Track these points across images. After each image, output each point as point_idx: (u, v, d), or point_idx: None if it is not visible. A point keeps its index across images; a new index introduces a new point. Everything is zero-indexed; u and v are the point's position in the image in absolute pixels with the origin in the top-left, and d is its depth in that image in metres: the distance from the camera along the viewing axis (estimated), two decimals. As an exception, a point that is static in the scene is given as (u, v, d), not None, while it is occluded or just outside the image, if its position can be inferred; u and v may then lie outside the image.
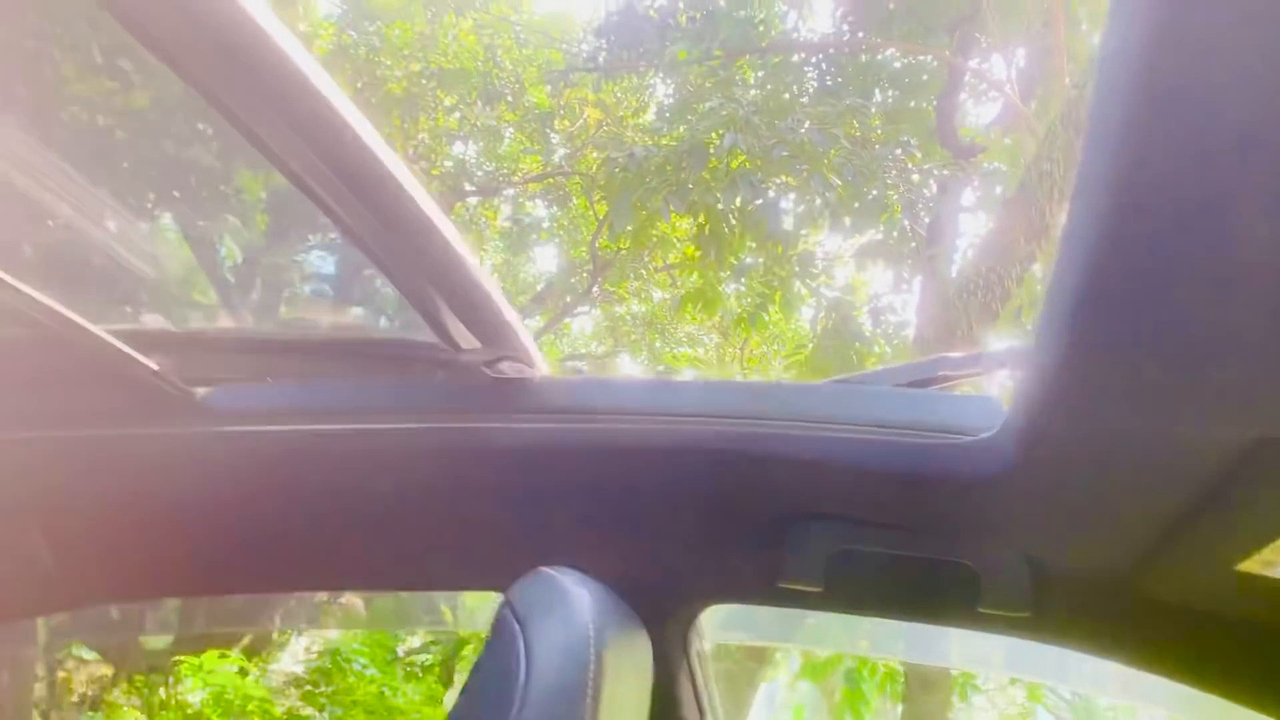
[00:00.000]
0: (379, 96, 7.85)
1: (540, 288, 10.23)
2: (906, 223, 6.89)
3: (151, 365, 1.09)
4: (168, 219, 6.25)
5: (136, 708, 5.92)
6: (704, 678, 1.38)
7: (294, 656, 6.84)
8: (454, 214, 8.76)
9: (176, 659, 5.63)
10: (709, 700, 1.38)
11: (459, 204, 9.03)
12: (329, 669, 6.01)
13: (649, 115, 8.71)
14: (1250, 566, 0.88)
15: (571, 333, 11.22)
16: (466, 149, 9.40)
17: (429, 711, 6.10)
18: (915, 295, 7.24)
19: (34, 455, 1.18)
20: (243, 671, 5.69)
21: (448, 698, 6.57)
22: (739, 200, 6.42)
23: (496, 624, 1.02)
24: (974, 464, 0.99)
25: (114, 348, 1.04)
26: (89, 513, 1.27)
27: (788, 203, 7.03)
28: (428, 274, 1.06)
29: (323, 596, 6.19)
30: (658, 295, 9.93)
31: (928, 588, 1.19)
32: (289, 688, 6.32)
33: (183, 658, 5.56)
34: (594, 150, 8.61)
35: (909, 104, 7.63)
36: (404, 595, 5.84)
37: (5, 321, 1.01)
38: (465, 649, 6.82)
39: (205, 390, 1.20)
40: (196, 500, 1.27)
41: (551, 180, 9.43)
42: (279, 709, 5.83)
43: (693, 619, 1.34)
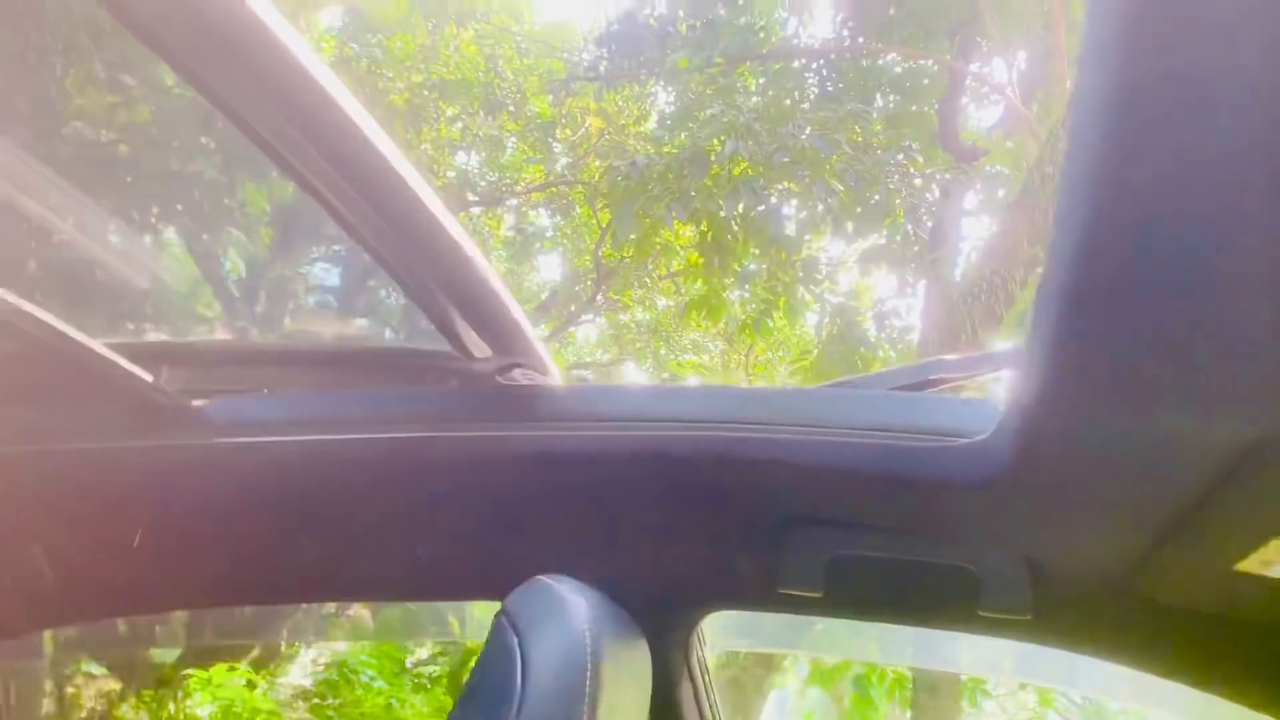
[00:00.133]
0: (381, 108, 7.87)
1: (545, 296, 10.22)
2: (909, 227, 6.88)
3: (146, 377, 1.08)
4: (172, 233, 6.27)
5: (145, 722, 5.92)
6: (705, 684, 1.37)
7: (302, 669, 6.82)
8: (457, 224, 8.74)
9: (185, 673, 5.62)
10: (711, 707, 1.38)
11: (462, 214, 9.02)
12: (336, 681, 6.00)
13: (650, 123, 8.71)
14: (1249, 566, 0.88)
15: (576, 341, 11.21)
16: (469, 159, 9.42)
17: (436, 722, 6.09)
18: (919, 299, 7.23)
19: (30, 469, 1.18)
20: (251, 684, 5.67)
21: (455, 709, 6.53)
22: (741, 207, 6.42)
23: (494, 633, 1.02)
24: (970, 466, 0.98)
25: (109, 361, 1.04)
26: (87, 526, 1.27)
27: (790, 209, 7.03)
28: (440, 281, 1.06)
29: (330, 608, 6.19)
30: (662, 303, 9.92)
31: (928, 591, 1.18)
32: (297, 700, 6.31)
33: (191, 671, 5.56)
34: (596, 159, 8.61)
35: (910, 108, 7.62)
36: (411, 607, 5.84)
37: (1, 337, 1.01)
38: (472, 660, 6.78)
39: (202, 402, 1.20)
40: (193, 511, 1.27)
41: (554, 189, 9.43)
42: (287, 721, 5.83)
43: (693, 626, 1.33)
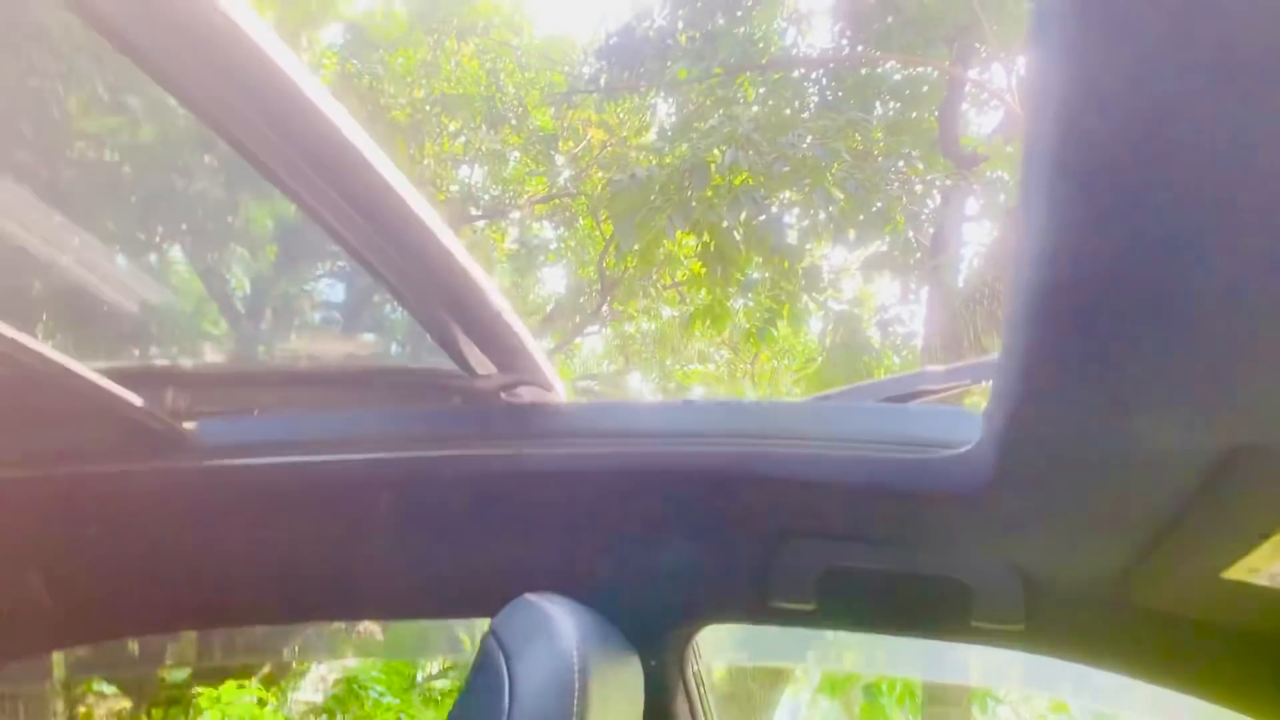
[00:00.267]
0: (384, 124, 7.91)
1: (549, 309, 10.24)
2: (911, 234, 6.88)
3: (136, 401, 1.09)
4: (176, 251, 6.31)
5: (156, 740, 5.93)
6: (702, 697, 1.37)
7: (313, 686, 6.83)
8: (461, 238, 8.73)
9: (195, 691, 5.63)
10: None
11: (466, 228, 9.06)
12: (345, 697, 6.01)
13: (651, 135, 8.74)
14: (1236, 574, 0.88)
15: (582, 353, 11.23)
16: (472, 173, 9.46)
17: (447, 737, 6.07)
18: (922, 306, 7.22)
19: (24, 494, 1.18)
20: (261, 702, 5.68)
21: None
22: (743, 216, 6.42)
23: (481, 653, 1.02)
24: (957, 477, 0.98)
25: (98, 385, 1.04)
26: (81, 550, 1.28)
27: (791, 218, 7.05)
28: (443, 299, 1.05)
29: (339, 625, 6.19)
30: (667, 313, 9.91)
31: (920, 603, 1.18)
32: (308, 717, 6.32)
33: (201, 689, 5.56)
34: (599, 170, 8.64)
35: (910, 115, 7.61)
36: (421, 623, 5.83)
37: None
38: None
39: (193, 425, 1.20)
40: (185, 534, 1.27)
41: (557, 201, 9.46)
42: (298, 738, 5.83)
43: (688, 640, 1.33)
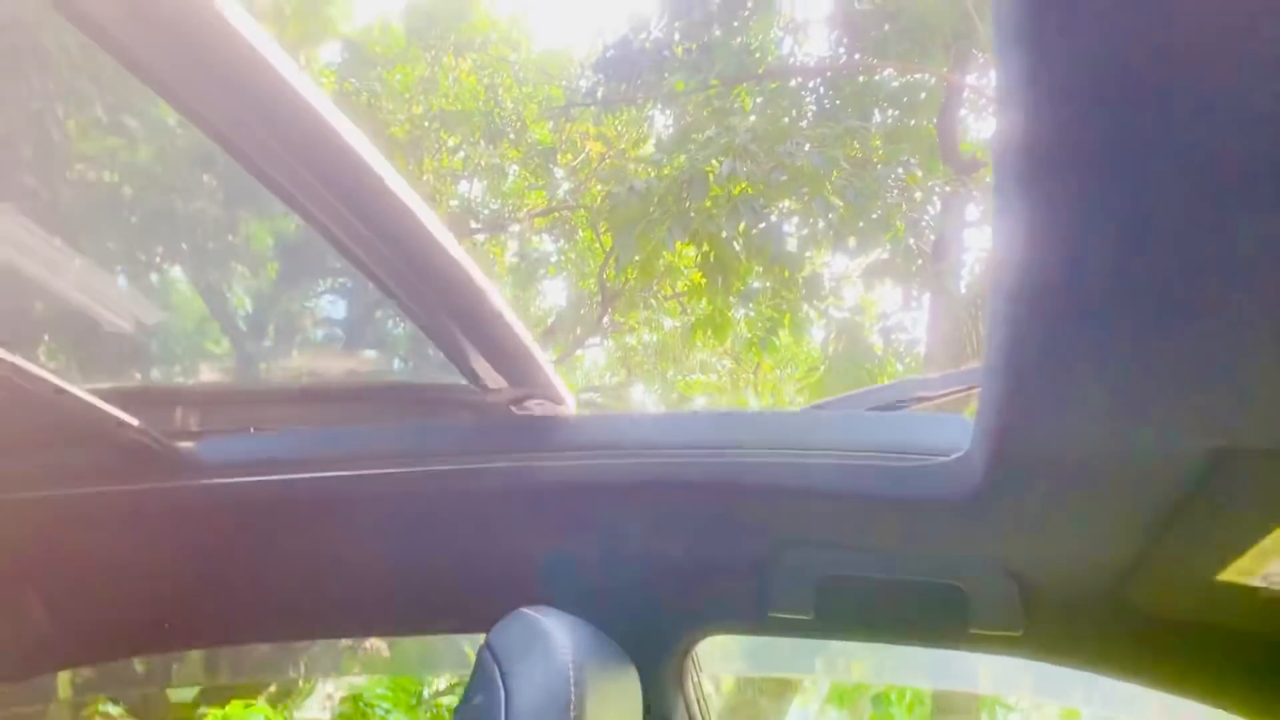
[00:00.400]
0: (383, 141, 7.93)
1: (550, 321, 10.23)
2: (912, 241, 6.88)
3: (133, 422, 1.09)
4: (178, 271, 6.32)
5: (162, 761, 5.90)
6: (701, 708, 1.37)
7: (319, 703, 6.80)
8: (462, 252, 8.77)
9: (201, 710, 5.61)
10: None
11: (466, 242, 9.07)
12: (351, 714, 5.98)
13: (649, 146, 8.76)
14: (1229, 576, 0.87)
15: (584, 365, 11.21)
16: (471, 188, 9.47)
17: (454, 753, 6.04)
18: (925, 312, 7.21)
19: (20, 515, 1.19)
20: (268, 720, 5.66)
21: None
22: (742, 226, 6.42)
23: (477, 667, 1.02)
24: (948, 484, 0.98)
25: (96, 407, 1.05)
26: (79, 570, 1.28)
27: (791, 227, 7.05)
28: (454, 314, 1.05)
29: (345, 642, 6.18)
30: (668, 324, 9.91)
31: (918, 610, 1.18)
32: (315, 734, 6.30)
33: (207, 710, 5.54)
34: (598, 183, 8.65)
35: (909, 123, 7.63)
36: (428, 639, 5.81)
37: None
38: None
39: (191, 444, 1.21)
40: (182, 552, 1.28)
41: (557, 214, 9.47)
42: (304, 756, 5.81)
43: (687, 651, 1.33)
